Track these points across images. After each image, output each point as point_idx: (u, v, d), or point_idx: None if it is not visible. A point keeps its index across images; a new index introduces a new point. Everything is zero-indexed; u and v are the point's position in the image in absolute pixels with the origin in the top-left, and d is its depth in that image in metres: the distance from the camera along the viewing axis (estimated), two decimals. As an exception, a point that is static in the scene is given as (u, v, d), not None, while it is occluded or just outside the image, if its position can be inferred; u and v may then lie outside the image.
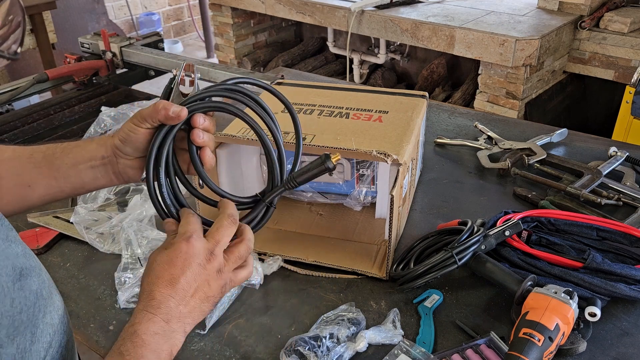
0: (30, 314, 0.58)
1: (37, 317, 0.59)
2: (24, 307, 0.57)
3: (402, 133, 1.10)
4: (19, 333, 0.55)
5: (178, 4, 6.06)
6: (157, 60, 2.10)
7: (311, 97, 1.29)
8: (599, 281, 0.94)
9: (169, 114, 0.68)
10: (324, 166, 0.71)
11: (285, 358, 0.88)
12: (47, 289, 0.63)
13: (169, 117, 0.68)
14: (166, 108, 0.68)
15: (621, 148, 1.42)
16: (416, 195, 1.33)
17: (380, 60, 3.56)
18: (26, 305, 0.58)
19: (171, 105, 0.68)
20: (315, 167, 0.72)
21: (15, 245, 0.60)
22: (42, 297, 0.61)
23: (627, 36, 2.64)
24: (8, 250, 0.59)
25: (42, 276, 0.63)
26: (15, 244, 0.61)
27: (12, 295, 0.56)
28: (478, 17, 2.87)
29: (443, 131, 1.65)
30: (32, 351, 0.57)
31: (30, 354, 0.57)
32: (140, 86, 2.26)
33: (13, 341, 0.55)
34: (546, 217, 1.11)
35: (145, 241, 1.11)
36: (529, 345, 0.80)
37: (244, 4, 3.66)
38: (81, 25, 4.54)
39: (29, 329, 0.57)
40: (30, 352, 0.57)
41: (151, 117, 0.69)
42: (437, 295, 1.00)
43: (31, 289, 0.59)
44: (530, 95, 2.78)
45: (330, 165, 0.71)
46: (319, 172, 0.72)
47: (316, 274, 1.08)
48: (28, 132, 1.75)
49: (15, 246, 0.60)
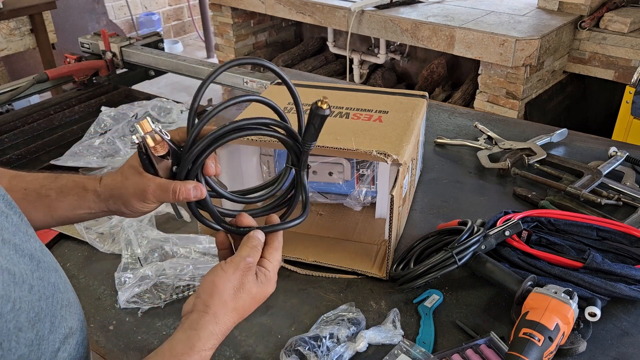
0: (49, 303, 0.58)
1: (55, 307, 0.60)
2: (42, 295, 0.58)
3: (402, 133, 1.10)
4: (39, 320, 0.56)
5: (178, 4, 6.06)
6: (157, 60, 2.10)
7: (311, 97, 1.28)
8: (599, 281, 0.94)
9: (190, 198, 0.68)
10: (319, 115, 0.69)
11: (285, 358, 0.88)
12: (64, 285, 0.64)
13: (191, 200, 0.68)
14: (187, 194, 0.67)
15: (621, 148, 1.42)
16: (416, 195, 1.33)
17: (380, 60, 3.55)
18: (44, 295, 0.58)
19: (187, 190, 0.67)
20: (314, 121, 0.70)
21: (34, 240, 0.61)
22: (59, 290, 0.62)
23: (627, 36, 2.64)
24: (27, 243, 0.59)
25: (59, 273, 0.64)
26: (34, 239, 0.61)
27: (30, 282, 0.56)
28: (478, 17, 2.87)
29: (443, 131, 1.65)
30: (50, 340, 0.58)
31: (47, 342, 0.57)
32: (140, 86, 2.26)
33: (33, 327, 0.55)
34: (546, 217, 1.11)
35: (145, 241, 1.11)
36: (529, 345, 0.80)
37: (244, 4, 3.66)
38: (81, 25, 4.54)
39: (49, 317, 0.58)
40: (48, 340, 0.57)
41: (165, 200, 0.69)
42: (437, 295, 1.00)
43: (49, 281, 0.60)
44: (530, 95, 2.78)
45: (326, 112, 0.69)
46: (319, 123, 0.70)
47: (316, 274, 1.08)
48: (28, 132, 1.75)
49: (34, 241, 0.61)
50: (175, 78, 3.00)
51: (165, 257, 1.09)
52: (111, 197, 0.72)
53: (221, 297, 0.66)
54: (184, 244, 1.10)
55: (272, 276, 0.70)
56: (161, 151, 0.67)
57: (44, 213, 0.74)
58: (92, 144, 1.53)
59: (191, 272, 1.04)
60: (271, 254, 0.72)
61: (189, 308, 0.67)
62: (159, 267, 1.04)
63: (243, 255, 0.68)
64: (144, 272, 1.03)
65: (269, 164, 1.23)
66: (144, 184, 0.68)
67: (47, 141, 1.66)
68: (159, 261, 1.07)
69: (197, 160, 0.68)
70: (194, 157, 0.68)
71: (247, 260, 0.68)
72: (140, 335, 0.96)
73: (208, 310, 0.65)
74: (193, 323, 0.64)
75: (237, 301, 0.67)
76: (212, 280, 0.67)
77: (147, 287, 1.02)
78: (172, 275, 1.03)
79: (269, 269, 0.70)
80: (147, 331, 0.97)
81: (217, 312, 0.65)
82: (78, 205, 0.73)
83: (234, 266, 0.67)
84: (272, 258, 0.71)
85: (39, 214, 0.73)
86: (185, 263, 1.04)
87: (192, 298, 0.68)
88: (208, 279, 0.67)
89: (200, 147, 0.67)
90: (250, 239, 0.70)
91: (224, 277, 0.66)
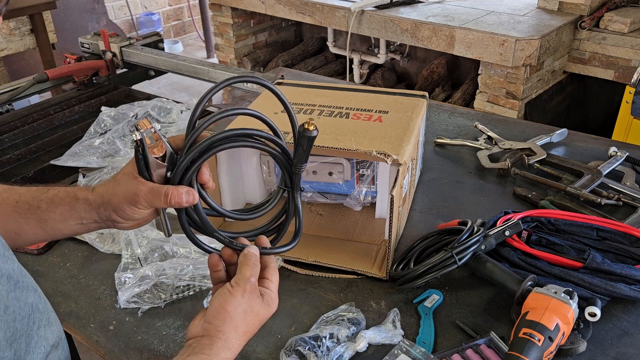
0: (24, 324, 0.59)
1: (31, 328, 0.61)
2: (17, 316, 0.59)
3: (402, 133, 1.10)
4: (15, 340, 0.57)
5: (178, 4, 6.06)
6: (157, 60, 2.10)
7: (311, 97, 1.29)
8: (599, 281, 0.94)
9: (182, 203, 0.67)
10: (307, 136, 0.70)
11: (285, 358, 0.88)
12: (43, 305, 0.64)
13: (183, 205, 0.67)
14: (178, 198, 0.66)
15: (621, 148, 1.42)
16: (416, 195, 1.33)
17: (380, 60, 3.55)
18: (20, 315, 0.59)
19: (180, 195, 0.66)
20: (302, 142, 0.71)
21: (11, 262, 0.62)
22: (37, 310, 0.63)
23: (627, 36, 2.64)
24: (5, 265, 0.60)
25: (39, 293, 0.65)
26: (11, 260, 0.62)
27: (5, 302, 0.57)
28: (478, 17, 2.87)
29: (443, 131, 1.65)
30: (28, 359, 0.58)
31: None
32: (140, 86, 2.26)
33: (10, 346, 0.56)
34: (546, 217, 1.11)
35: (145, 241, 1.11)
36: (529, 345, 0.80)
37: (244, 4, 3.66)
38: (81, 25, 4.54)
39: (24, 338, 0.59)
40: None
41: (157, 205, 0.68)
42: (437, 295, 1.00)
43: (27, 301, 0.61)
44: (530, 95, 2.78)
45: (313, 134, 0.70)
46: (307, 145, 0.71)
47: (316, 274, 1.08)
48: (28, 132, 1.75)
49: (11, 262, 0.62)
50: (175, 78, 3.00)
51: (165, 257, 1.09)
52: (102, 204, 0.70)
53: (232, 322, 0.66)
54: (184, 244, 1.11)
55: (275, 297, 0.72)
56: (158, 153, 0.67)
57: (36, 225, 0.73)
58: (92, 144, 1.53)
59: (191, 272, 1.04)
60: (272, 274, 0.73)
61: (197, 331, 0.67)
62: (159, 267, 1.04)
63: (247, 277, 0.68)
64: (144, 272, 1.03)
65: (269, 164, 1.23)
66: (136, 188, 0.67)
67: (47, 141, 1.66)
68: (159, 261, 1.07)
69: (192, 165, 0.68)
70: (188, 161, 0.67)
71: (251, 281, 0.68)
72: (140, 335, 0.96)
73: (220, 336, 0.65)
74: (205, 348, 0.64)
75: (247, 325, 0.67)
76: (222, 306, 0.67)
77: (147, 287, 1.02)
78: (172, 275, 1.03)
79: (272, 289, 0.71)
80: (147, 331, 0.97)
81: (229, 338, 0.65)
82: (69, 215, 0.72)
83: (241, 290, 0.67)
84: (273, 278, 0.73)
85: (31, 226, 0.73)
86: (185, 263, 1.05)
87: (199, 321, 0.68)
88: (217, 304, 0.67)
89: (196, 151, 0.67)
90: (248, 257, 0.70)
91: (234, 302, 0.67)
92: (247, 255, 0.70)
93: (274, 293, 0.71)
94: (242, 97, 1.96)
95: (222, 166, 1.16)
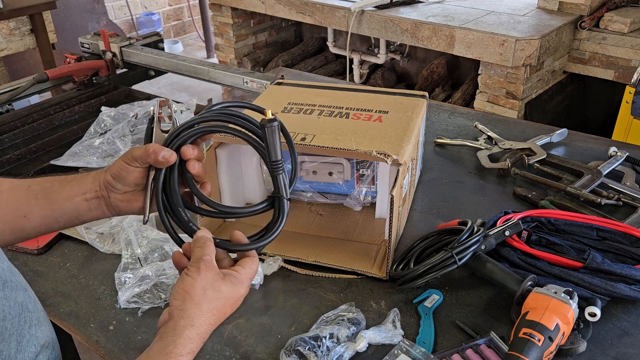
0: (15, 323, 0.60)
1: (22, 327, 0.61)
2: (7, 315, 0.59)
3: (402, 133, 1.10)
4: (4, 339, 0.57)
5: (178, 4, 6.06)
6: (157, 60, 2.10)
7: (311, 97, 1.29)
8: (599, 281, 0.94)
9: (158, 158, 0.71)
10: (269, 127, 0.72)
11: (285, 358, 0.88)
12: (33, 304, 0.65)
13: (159, 161, 0.72)
14: (156, 152, 0.71)
15: (621, 148, 1.42)
16: (416, 195, 1.33)
17: (380, 60, 3.56)
18: (10, 314, 0.60)
19: (161, 150, 0.71)
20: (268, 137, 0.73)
21: (1, 261, 0.63)
22: (27, 310, 0.63)
23: (627, 36, 2.64)
24: None
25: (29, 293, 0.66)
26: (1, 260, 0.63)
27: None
28: (478, 17, 2.87)
29: (443, 131, 1.65)
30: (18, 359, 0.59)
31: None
32: (140, 86, 2.26)
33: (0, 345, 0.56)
34: (546, 217, 1.11)
35: (145, 241, 1.11)
36: (529, 345, 0.80)
37: (244, 4, 3.66)
38: (81, 25, 4.54)
39: (14, 337, 0.59)
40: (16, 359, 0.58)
41: (142, 158, 0.72)
42: (437, 295, 1.00)
43: (16, 300, 0.62)
44: (530, 95, 2.78)
45: (274, 124, 0.72)
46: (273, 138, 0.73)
47: (316, 274, 1.08)
48: (28, 132, 1.75)
49: (1, 262, 0.63)
50: (175, 78, 3.00)
51: (165, 257, 1.09)
52: (105, 171, 0.75)
53: (192, 299, 0.66)
54: (184, 244, 1.10)
55: (243, 278, 0.71)
56: (165, 129, 0.77)
57: (45, 205, 0.75)
58: (92, 144, 1.53)
59: (191, 272, 1.03)
60: (246, 263, 0.73)
61: (163, 318, 0.67)
62: (159, 267, 1.04)
63: (198, 256, 0.69)
64: (144, 272, 1.03)
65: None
66: (132, 149, 0.74)
67: (47, 141, 1.66)
68: (159, 261, 1.07)
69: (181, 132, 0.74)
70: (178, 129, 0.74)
71: (204, 259, 0.69)
72: (140, 335, 0.96)
73: (182, 314, 0.65)
74: (169, 330, 0.65)
75: (210, 301, 0.67)
76: (180, 286, 0.68)
77: (147, 287, 1.02)
78: (172, 275, 1.03)
79: (240, 272, 0.71)
80: (147, 331, 0.97)
81: (192, 315, 0.66)
82: (77, 190, 0.75)
83: (195, 269, 0.68)
84: (246, 265, 0.73)
85: (41, 207, 0.75)
86: (185, 263, 1.04)
87: (165, 310, 0.68)
88: (177, 287, 0.68)
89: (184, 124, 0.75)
90: (197, 239, 0.72)
91: (191, 280, 0.67)
92: (196, 238, 0.72)
93: (241, 275, 0.71)
94: (242, 97, 1.97)
95: (222, 166, 1.16)
